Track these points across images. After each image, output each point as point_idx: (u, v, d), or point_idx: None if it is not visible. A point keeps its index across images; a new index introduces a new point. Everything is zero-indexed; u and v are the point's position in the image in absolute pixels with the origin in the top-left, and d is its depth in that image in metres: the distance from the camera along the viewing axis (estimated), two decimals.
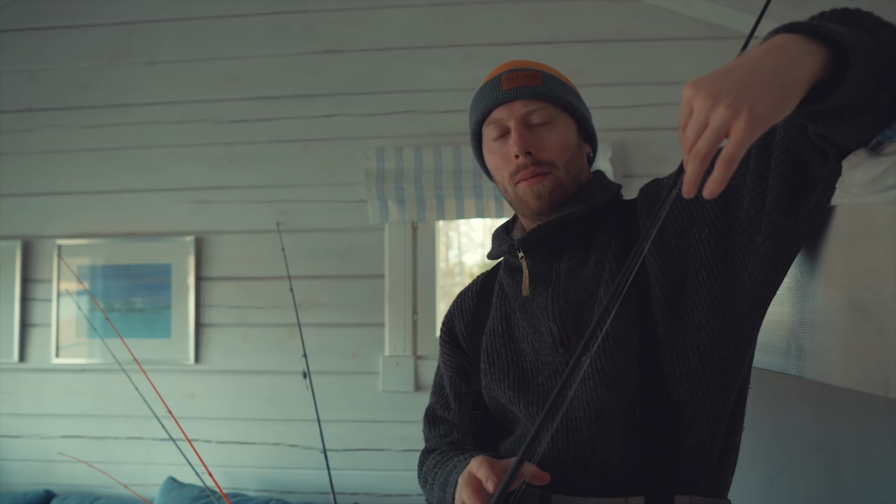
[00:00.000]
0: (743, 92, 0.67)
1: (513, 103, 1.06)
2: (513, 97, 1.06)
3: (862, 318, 0.84)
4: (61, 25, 2.76)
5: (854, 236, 0.86)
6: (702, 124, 0.69)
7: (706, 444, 0.98)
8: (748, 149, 0.89)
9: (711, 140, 0.68)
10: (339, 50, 2.64)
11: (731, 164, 0.67)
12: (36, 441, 2.66)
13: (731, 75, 0.69)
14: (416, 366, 2.52)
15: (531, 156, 1.05)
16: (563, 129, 1.08)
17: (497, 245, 1.16)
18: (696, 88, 0.70)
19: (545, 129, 1.06)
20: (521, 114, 1.06)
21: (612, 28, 2.54)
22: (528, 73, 1.07)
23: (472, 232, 3.81)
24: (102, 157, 2.71)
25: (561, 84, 1.10)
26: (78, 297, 2.65)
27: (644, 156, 2.49)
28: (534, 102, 1.06)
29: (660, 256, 0.99)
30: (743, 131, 0.66)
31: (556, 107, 1.07)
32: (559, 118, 1.07)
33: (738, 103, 0.67)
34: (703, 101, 0.68)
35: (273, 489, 2.55)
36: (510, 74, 1.08)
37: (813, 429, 1.45)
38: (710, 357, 0.97)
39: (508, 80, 1.07)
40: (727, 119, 0.67)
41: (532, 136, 1.06)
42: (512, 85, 1.06)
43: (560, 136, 1.07)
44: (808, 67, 0.70)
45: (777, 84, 0.68)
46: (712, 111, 0.68)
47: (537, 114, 1.06)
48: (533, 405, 1.04)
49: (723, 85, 0.68)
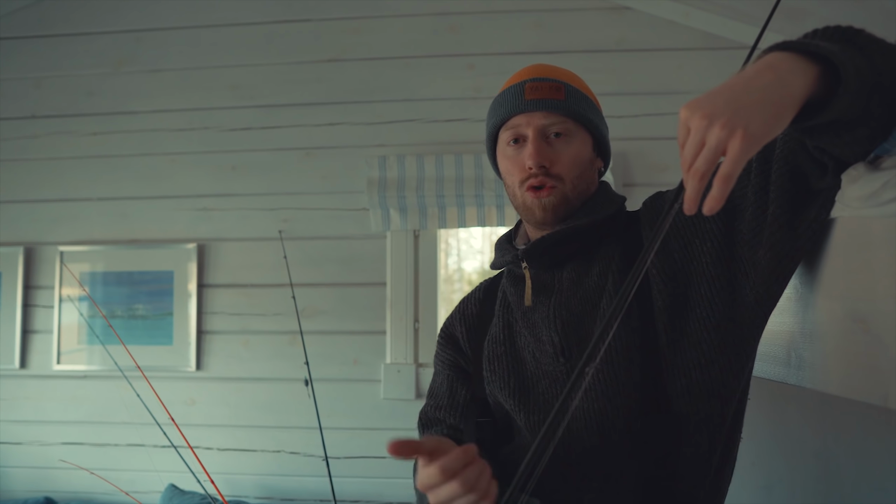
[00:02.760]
0: (737, 112, 0.69)
1: (533, 114, 1.07)
2: (534, 108, 1.06)
3: (860, 329, 0.85)
4: (65, 33, 2.77)
5: (853, 248, 0.88)
6: (699, 144, 0.71)
7: (705, 455, 0.99)
8: (749, 162, 0.91)
9: (708, 159, 0.70)
10: (342, 59, 2.65)
11: (728, 181, 0.69)
12: (37, 448, 2.66)
13: (725, 95, 0.71)
14: (417, 373, 2.52)
15: (544, 168, 1.05)
16: (579, 144, 1.08)
17: (500, 255, 1.16)
18: (692, 109, 0.72)
19: (561, 141, 1.07)
20: (541, 125, 1.06)
21: (612, 38, 2.56)
22: (552, 84, 1.08)
23: (472, 239, 3.82)
24: (105, 164, 2.72)
25: (583, 98, 1.10)
26: (80, 303, 2.66)
27: (644, 165, 2.50)
28: (554, 116, 1.06)
29: (663, 269, 1.00)
30: (738, 150, 0.69)
31: (576, 122, 1.08)
32: (577, 133, 1.08)
33: (733, 123, 0.69)
34: (700, 121, 0.70)
35: (274, 496, 2.55)
36: (534, 84, 1.08)
37: (811, 437, 1.46)
38: (711, 369, 0.98)
39: (532, 89, 1.07)
40: (723, 138, 0.69)
41: (548, 148, 1.06)
42: (535, 95, 1.07)
43: (575, 152, 1.07)
44: (800, 85, 0.72)
45: (770, 103, 0.70)
46: (708, 131, 0.70)
47: (556, 126, 1.07)
48: (534, 414, 1.05)
49: (717, 105, 0.70)
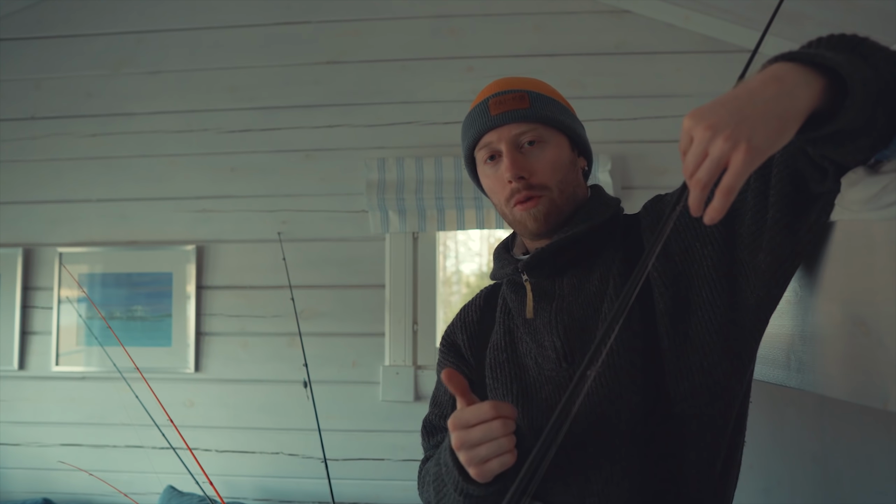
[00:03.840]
0: (741, 123, 0.69)
1: (502, 128, 1.06)
2: (501, 122, 1.06)
3: (860, 332, 0.86)
4: (65, 35, 2.77)
5: (852, 251, 0.88)
6: (701, 154, 0.70)
7: (709, 459, 0.99)
8: None
9: (711, 170, 0.70)
10: (341, 61, 2.66)
11: (730, 193, 0.69)
12: (35, 449, 2.65)
13: (729, 106, 0.70)
14: (415, 375, 2.52)
15: (524, 180, 1.05)
16: (555, 148, 1.08)
17: (500, 267, 1.16)
18: (695, 119, 0.71)
19: (536, 149, 1.06)
20: (511, 137, 1.06)
21: (611, 41, 2.57)
22: (514, 95, 1.07)
23: (470, 241, 3.82)
24: (104, 165, 2.72)
25: (549, 102, 1.09)
26: (78, 304, 2.65)
27: (643, 168, 2.51)
28: (523, 125, 1.06)
29: (663, 273, 1.00)
30: (741, 163, 0.68)
31: (546, 126, 1.07)
32: (550, 137, 1.07)
33: (737, 135, 0.68)
34: (703, 132, 0.70)
35: (272, 498, 2.55)
36: (497, 98, 1.07)
37: (810, 440, 1.46)
38: (714, 372, 0.98)
39: (496, 104, 1.07)
40: (726, 150, 0.68)
41: (524, 158, 1.06)
42: (500, 109, 1.06)
43: (551, 157, 1.07)
44: (806, 98, 0.72)
45: (774, 115, 0.70)
46: (711, 142, 0.69)
47: (527, 135, 1.06)
48: (537, 420, 1.04)
49: (721, 116, 0.70)
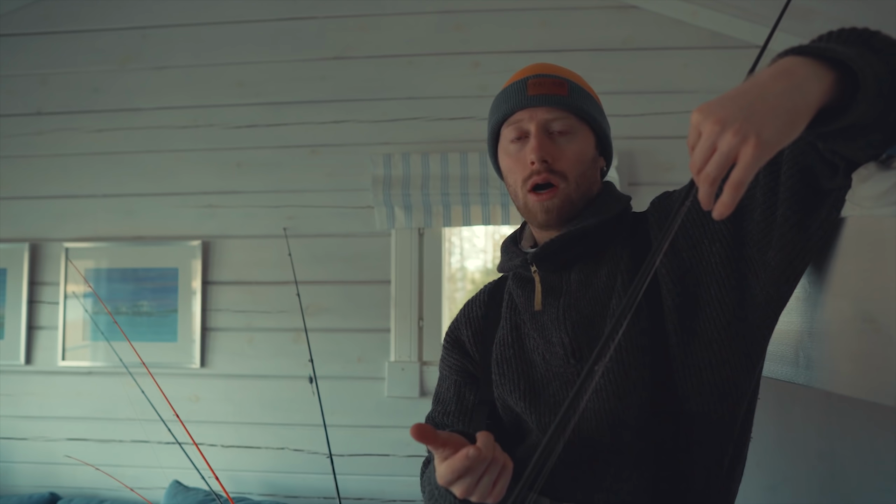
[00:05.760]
0: (750, 118, 0.68)
1: (536, 109, 1.06)
2: (537, 103, 1.05)
3: (870, 329, 0.85)
4: (71, 30, 2.77)
5: (863, 248, 0.87)
6: (710, 149, 0.70)
7: (716, 456, 0.99)
8: None
9: (719, 165, 0.69)
10: (347, 56, 2.65)
11: (739, 188, 0.68)
12: (41, 443, 2.66)
13: (738, 101, 0.69)
14: (421, 371, 2.52)
15: (546, 163, 1.04)
16: (582, 141, 1.07)
17: (508, 259, 1.15)
18: (704, 114, 0.70)
19: (564, 138, 1.06)
20: (543, 120, 1.06)
21: (618, 37, 2.56)
22: (555, 80, 1.07)
23: (475, 237, 3.81)
24: (110, 160, 2.72)
25: (586, 95, 1.10)
26: (85, 299, 2.66)
27: (650, 164, 2.50)
28: (557, 111, 1.06)
29: (672, 269, 1.00)
30: (751, 157, 0.67)
31: (579, 119, 1.07)
32: (580, 130, 1.07)
33: (746, 129, 0.67)
34: (712, 126, 0.69)
35: (277, 493, 2.55)
36: (537, 80, 1.07)
37: (816, 437, 1.45)
38: (722, 369, 0.98)
39: (535, 85, 1.07)
40: (735, 145, 0.68)
41: (551, 144, 1.05)
42: (538, 91, 1.06)
43: (577, 149, 1.06)
44: (816, 92, 0.71)
45: (784, 110, 0.69)
46: (720, 137, 0.69)
47: (559, 122, 1.06)
48: (545, 416, 1.04)
49: (730, 111, 0.69)
